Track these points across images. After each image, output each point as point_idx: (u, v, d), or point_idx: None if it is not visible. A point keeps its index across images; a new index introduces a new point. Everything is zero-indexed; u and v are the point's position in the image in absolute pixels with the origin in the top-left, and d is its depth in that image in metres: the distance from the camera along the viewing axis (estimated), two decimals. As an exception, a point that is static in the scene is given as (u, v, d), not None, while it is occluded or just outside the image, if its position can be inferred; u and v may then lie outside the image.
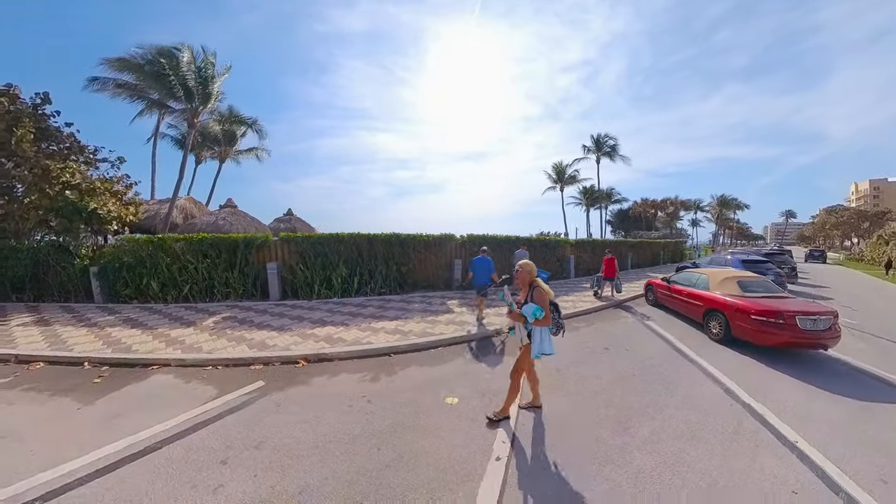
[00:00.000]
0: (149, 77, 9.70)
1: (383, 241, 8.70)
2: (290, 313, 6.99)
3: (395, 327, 6.16)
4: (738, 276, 6.58)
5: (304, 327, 6.09)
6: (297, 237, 8.14)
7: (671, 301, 7.65)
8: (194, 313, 7.06)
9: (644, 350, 5.44)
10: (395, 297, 8.57)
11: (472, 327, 6.27)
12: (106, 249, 8.27)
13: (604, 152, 25.41)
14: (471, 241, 10.07)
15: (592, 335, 6.26)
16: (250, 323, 6.32)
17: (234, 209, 12.00)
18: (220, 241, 7.91)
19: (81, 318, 6.86)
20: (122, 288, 8.08)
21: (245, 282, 8.03)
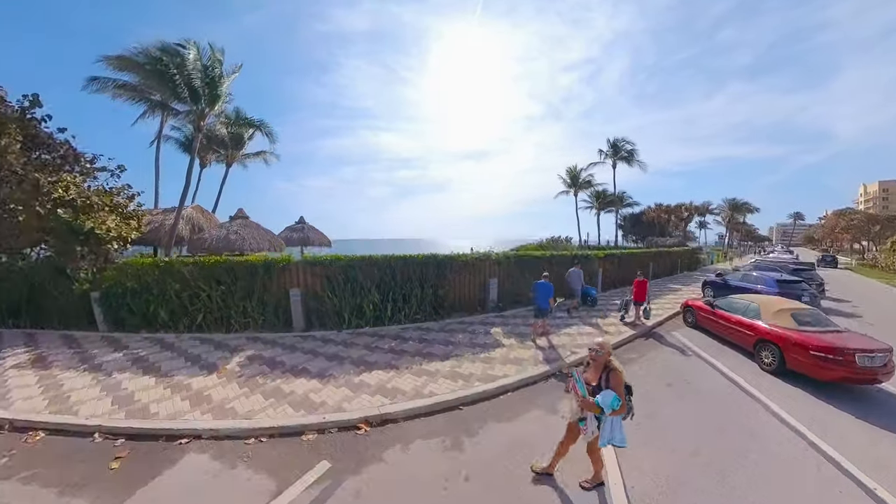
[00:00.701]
0: (151, 76, 8.62)
1: (419, 263, 7.93)
2: (324, 350, 6.23)
3: (450, 369, 5.50)
4: (791, 308, 6.45)
5: (347, 372, 5.35)
6: (325, 260, 7.27)
7: (715, 326, 7.62)
8: (212, 349, 6.25)
9: (705, 385, 5.46)
10: (432, 324, 7.84)
11: (530, 365, 5.78)
12: (107, 273, 7.33)
13: (620, 157, 24.86)
14: (506, 259, 9.44)
15: (648, 369, 6.09)
16: (282, 367, 5.53)
17: (246, 220, 11.01)
18: (235, 266, 7.02)
19: (85, 357, 6.01)
20: (127, 316, 7.20)
21: (265, 310, 7.20)
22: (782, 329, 5.96)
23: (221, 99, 9.83)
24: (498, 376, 5.26)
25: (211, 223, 12.51)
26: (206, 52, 9.46)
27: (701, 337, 7.87)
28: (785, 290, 9.70)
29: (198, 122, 9.69)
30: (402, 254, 7.91)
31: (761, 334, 6.21)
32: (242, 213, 11.35)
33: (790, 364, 5.62)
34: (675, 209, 32.28)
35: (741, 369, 5.99)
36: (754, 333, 6.37)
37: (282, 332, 7.21)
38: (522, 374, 5.38)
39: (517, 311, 9.22)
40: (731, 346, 7.08)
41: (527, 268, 9.74)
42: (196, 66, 8.99)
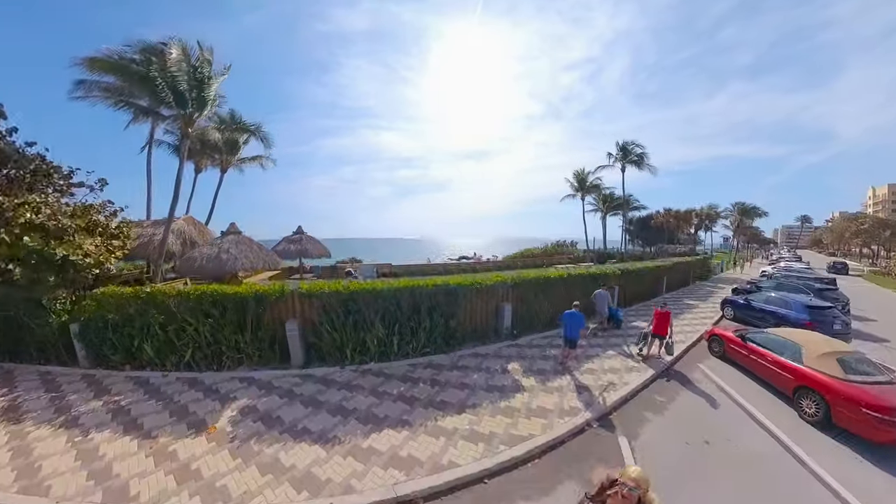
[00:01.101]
0: (133, 80, 7.67)
1: (429, 293, 7.24)
2: (326, 398, 5.62)
3: (469, 426, 4.93)
4: (837, 351, 5.83)
5: (353, 432, 4.77)
6: (323, 293, 6.53)
7: (746, 361, 7.06)
8: (201, 397, 5.65)
9: (747, 443, 4.93)
10: (443, 359, 7.21)
11: (555, 417, 5.24)
12: (86, 303, 6.67)
13: (630, 160, 23.89)
14: (522, 283, 8.75)
15: (679, 421, 5.44)
16: (279, 425, 4.93)
17: (238, 236, 10.22)
18: (223, 298, 6.35)
19: (61, 407, 5.39)
20: (109, 351, 6.58)
21: (260, 345, 6.58)
22: (828, 377, 5.38)
23: (210, 102, 8.87)
24: (523, 436, 4.75)
25: (203, 236, 11.73)
26: (193, 51, 8.47)
27: (730, 372, 7.28)
28: (817, 317, 9.04)
29: (185, 128, 8.77)
30: (410, 281, 7.20)
31: (803, 380, 5.66)
32: (235, 227, 10.54)
33: (837, 420, 5.09)
34: (685, 214, 31.35)
35: (781, 419, 5.51)
36: (794, 378, 5.82)
37: (279, 368, 6.61)
38: (549, 432, 4.87)
39: (532, 338, 8.64)
40: (762, 381, 6.61)
41: (542, 291, 9.13)
42: (181, 67, 8.02)
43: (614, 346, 8.43)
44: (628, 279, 12.20)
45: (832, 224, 63.10)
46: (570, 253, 32.89)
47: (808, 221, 73.75)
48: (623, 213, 30.00)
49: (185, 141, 8.93)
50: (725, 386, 6.63)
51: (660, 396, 6.21)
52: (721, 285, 19.56)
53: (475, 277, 8.03)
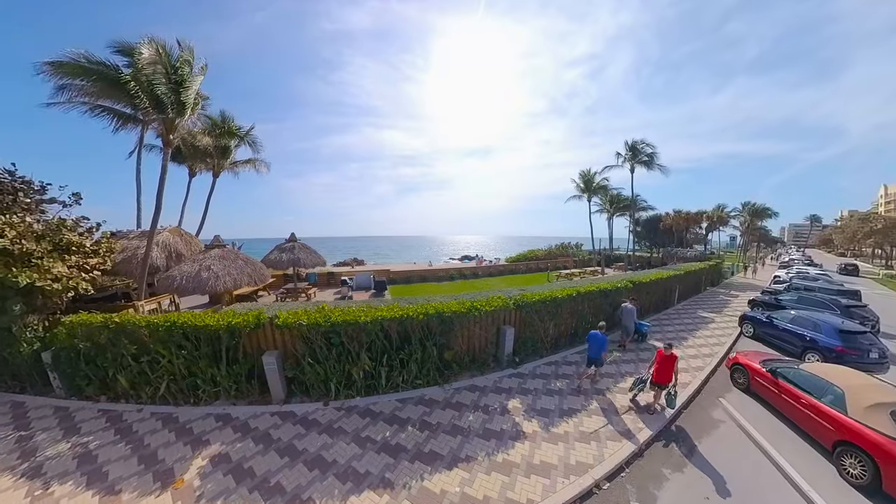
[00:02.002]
0: (104, 83, 7.05)
1: (420, 323, 6.62)
2: (304, 445, 5.14)
3: (460, 489, 4.35)
4: (891, 402, 4.87)
5: (329, 493, 4.27)
6: (301, 325, 5.93)
7: (777, 400, 6.26)
8: (174, 437, 5.27)
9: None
10: (436, 392, 6.62)
11: (559, 475, 4.58)
12: (57, 331, 6.30)
13: (639, 160, 22.42)
14: (525, 304, 7.94)
15: (696, 484, 4.57)
16: (250, 479, 4.47)
17: (223, 249, 9.67)
18: (194, 330, 5.88)
19: (27, 450, 5.04)
20: (82, 382, 6.24)
21: (237, 379, 6.12)
22: (880, 435, 4.53)
23: (190, 105, 8.22)
24: (520, 503, 4.14)
25: (192, 247, 11.27)
26: (174, 50, 7.76)
27: (757, 410, 6.39)
28: (850, 343, 8.06)
29: (166, 134, 8.19)
30: (399, 309, 6.52)
31: (847, 434, 4.84)
32: (219, 240, 10.00)
33: (889, 487, 4.34)
34: (695, 216, 29.86)
35: (819, 480, 4.69)
36: (835, 430, 5.01)
37: (258, 403, 6.14)
38: (551, 497, 4.24)
39: (536, 365, 7.91)
40: (797, 427, 5.80)
41: (547, 312, 8.35)
42: (156, 68, 7.35)
43: (629, 372, 7.64)
44: (640, 291, 11.20)
45: (843, 224, 59.72)
46: (575, 255, 31.76)
47: (818, 221, 70.97)
48: (630, 214, 28.58)
49: (167, 148, 8.36)
50: (752, 430, 5.83)
51: (664, 468, 4.96)
52: (734, 293, 18.54)
53: (473, 301, 7.23)
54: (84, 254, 7.14)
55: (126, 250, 9.72)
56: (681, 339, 10.06)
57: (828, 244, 72.73)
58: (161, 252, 10.12)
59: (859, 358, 7.79)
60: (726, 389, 7.27)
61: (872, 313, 11.51)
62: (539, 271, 26.45)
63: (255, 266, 9.96)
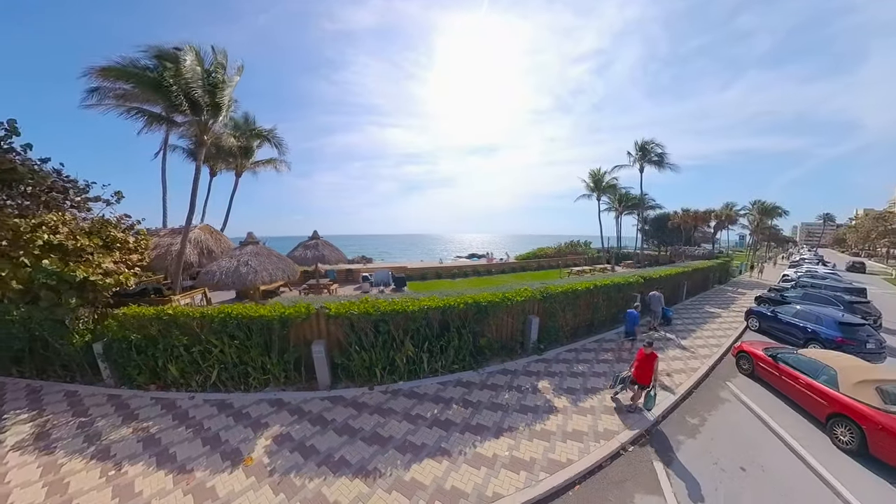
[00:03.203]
0: (147, 88, 7.34)
1: (460, 311, 6.99)
2: (359, 425, 5.45)
3: (509, 453, 4.84)
4: (876, 379, 5.53)
5: (393, 463, 4.62)
6: (353, 314, 6.29)
7: (777, 382, 6.89)
8: (232, 423, 5.49)
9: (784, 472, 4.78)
10: (472, 376, 7.03)
11: (591, 440, 5.20)
12: (108, 323, 6.51)
13: (649, 160, 22.94)
14: (550, 296, 8.51)
15: (710, 447, 5.13)
16: (316, 455, 4.78)
17: (257, 246, 9.88)
18: (248, 321, 6.15)
19: (91, 435, 5.25)
20: (133, 371, 6.46)
21: (286, 367, 6.40)
22: (866, 406, 5.18)
23: (226, 107, 8.52)
24: (562, 462, 4.70)
25: (221, 245, 11.47)
26: (207, 55, 8.07)
27: (760, 392, 6.97)
28: (849, 335, 8.62)
29: (201, 135, 8.45)
30: (441, 299, 6.93)
31: (836, 406, 5.51)
32: (252, 237, 10.21)
33: (875, 451, 4.95)
34: (704, 215, 30.16)
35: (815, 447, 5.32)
36: (828, 404, 5.65)
37: (306, 390, 6.43)
38: (588, 456, 4.84)
39: (558, 352, 8.45)
40: (791, 402, 6.47)
41: (568, 302, 8.87)
42: (195, 72, 7.64)
43: None
44: (650, 286, 11.67)
45: (857, 222, 58.03)
46: (584, 253, 32.03)
47: (831, 220, 68.27)
48: (639, 212, 28.88)
49: (201, 149, 8.62)
50: (755, 407, 6.42)
51: (679, 435, 5.46)
52: (742, 290, 18.92)
53: (505, 293, 7.69)
54: (128, 250, 7.36)
55: (158, 247, 9.93)
56: (689, 331, 10.52)
57: (841, 244, 70.37)
58: (193, 248, 10.32)
59: (858, 348, 8.26)
60: (732, 375, 7.80)
61: (875, 309, 11.93)
62: (549, 268, 26.79)
63: (287, 262, 10.20)
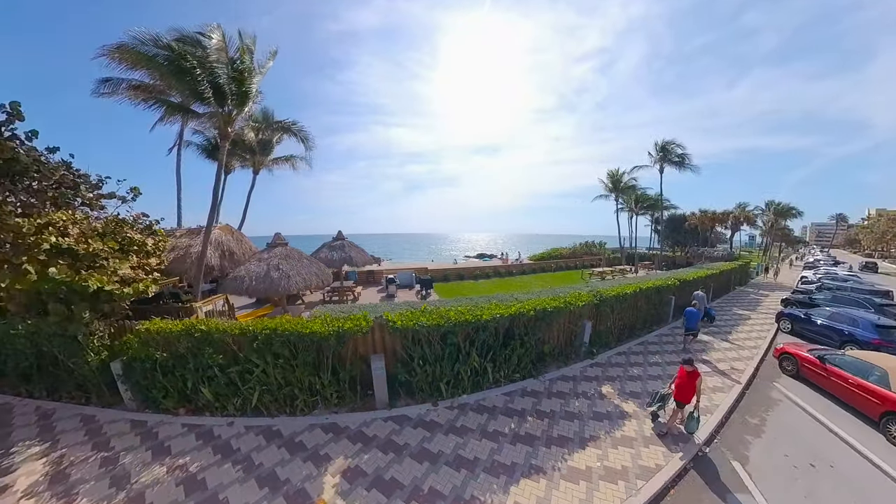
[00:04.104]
0: (168, 73, 6.41)
1: (527, 320, 6.48)
2: (436, 447, 4.85)
3: (600, 463, 4.64)
4: None
5: (489, 489, 4.16)
6: (421, 326, 5.61)
7: (825, 382, 7.02)
8: (286, 455, 4.71)
9: (847, 468, 4.86)
10: (535, 385, 6.58)
11: (671, 444, 5.07)
12: (128, 339, 5.63)
13: (670, 160, 22.54)
14: (604, 300, 8.28)
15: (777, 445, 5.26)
16: (399, 489, 4.13)
17: (286, 248, 9.00)
18: (296, 338, 5.35)
19: (118, 475, 4.37)
20: (159, 395, 5.59)
21: (339, 387, 5.68)
22: None
23: (252, 98, 7.66)
24: (651, 468, 4.59)
25: (242, 246, 10.47)
26: (233, 41, 7.18)
27: (808, 392, 6.98)
28: (886, 337, 8.66)
29: (224, 127, 7.55)
30: (509, 306, 6.41)
31: (892, 406, 5.61)
32: (281, 238, 9.32)
33: None
34: (721, 216, 30.00)
35: (872, 444, 5.34)
36: (882, 403, 5.77)
37: (361, 410, 5.73)
38: (672, 460, 4.75)
39: (609, 355, 8.21)
40: (841, 402, 6.56)
41: (618, 305, 8.70)
42: (221, 57, 6.77)
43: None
44: (683, 288, 11.69)
45: (871, 223, 56.17)
46: (599, 254, 31.65)
47: (844, 220, 67.00)
48: (659, 213, 28.46)
49: (225, 142, 7.72)
50: (807, 406, 6.48)
51: (746, 434, 5.55)
52: (763, 292, 18.60)
53: (566, 297, 7.29)
54: (146, 253, 6.48)
55: (176, 248, 8.92)
56: (724, 333, 10.51)
57: (853, 244, 67.83)
58: (214, 251, 9.35)
59: (894, 350, 8.31)
60: (777, 376, 7.82)
61: None
62: (567, 269, 26.45)
63: (319, 266, 9.33)
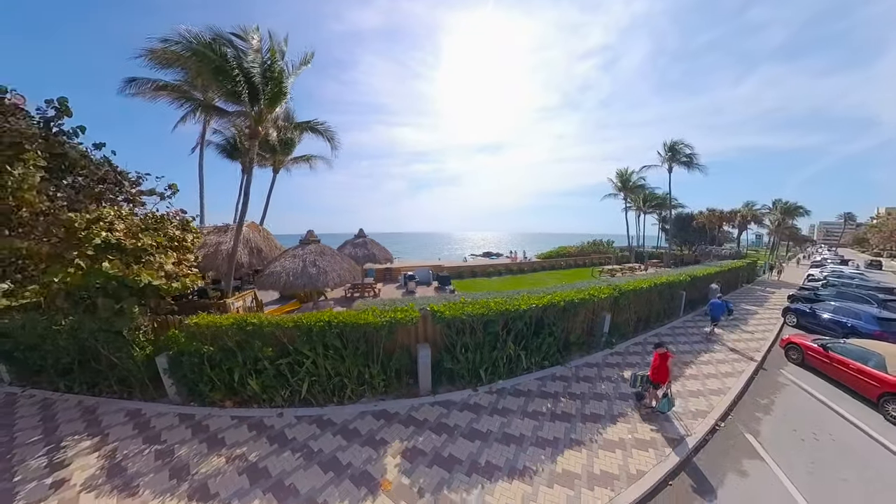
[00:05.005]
0: (205, 70, 6.49)
1: (557, 310, 6.87)
2: (486, 427, 5.21)
3: (630, 435, 5.11)
4: None
5: (538, 460, 4.58)
6: (467, 315, 5.95)
7: (828, 368, 7.49)
8: (342, 441, 4.89)
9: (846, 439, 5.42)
10: (562, 370, 7.02)
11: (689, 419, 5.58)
12: (173, 334, 5.72)
13: (678, 160, 22.93)
14: (623, 293, 8.76)
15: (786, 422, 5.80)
16: (458, 465, 4.43)
17: (319, 245, 8.95)
18: (350, 329, 5.57)
19: (176, 466, 4.45)
20: (206, 388, 5.68)
21: (387, 375, 5.92)
22: None
23: (285, 98, 7.82)
24: (676, 438, 5.10)
25: (269, 243, 10.56)
26: (264, 41, 7.32)
27: (812, 378, 7.48)
28: (886, 328, 9.04)
29: (255, 126, 7.66)
30: (541, 297, 6.80)
31: (889, 387, 6.07)
32: (313, 235, 9.37)
33: None
34: (728, 215, 30.22)
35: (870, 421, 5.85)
36: (880, 385, 6.21)
37: (406, 397, 5.98)
38: (692, 436, 5.19)
39: (626, 345, 8.72)
40: (842, 386, 7.04)
41: (633, 300, 9.20)
42: (257, 58, 6.89)
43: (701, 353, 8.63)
44: (695, 284, 12.26)
45: (880, 222, 54.25)
46: (607, 252, 31.92)
47: (852, 219, 65.15)
48: (668, 212, 28.55)
49: (254, 141, 7.83)
50: (811, 389, 6.99)
51: (756, 412, 6.10)
52: (770, 290, 18.96)
53: (589, 290, 7.74)
54: (185, 249, 6.60)
55: (206, 245, 8.96)
56: (734, 326, 10.95)
57: (862, 243, 65.22)
58: (243, 247, 9.42)
59: (894, 340, 8.70)
60: (783, 364, 8.35)
61: None
62: (576, 267, 26.90)
63: (350, 263, 9.44)
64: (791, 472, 4.53)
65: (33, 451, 4.75)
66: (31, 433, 5.15)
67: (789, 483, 4.34)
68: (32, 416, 5.59)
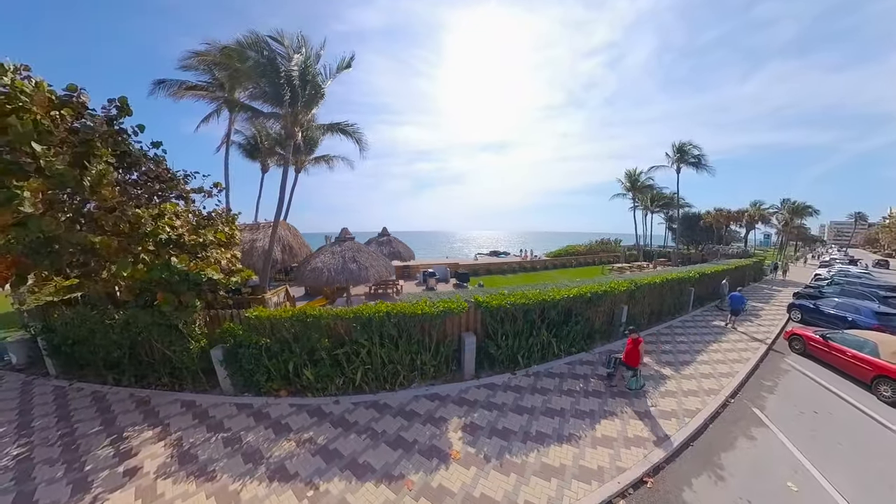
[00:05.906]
0: (254, 69, 6.73)
1: (584, 301, 7.54)
2: (531, 404, 5.84)
3: (655, 407, 5.88)
4: None
5: (579, 427, 5.30)
6: (510, 304, 6.53)
7: (827, 356, 8.11)
8: (404, 420, 5.31)
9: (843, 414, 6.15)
10: (587, 357, 7.66)
11: (705, 395, 6.37)
12: (230, 326, 5.94)
13: (686, 161, 23.41)
14: (639, 287, 9.48)
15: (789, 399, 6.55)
16: (514, 435, 5.06)
17: (353, 243, 9.26)
18: (407, 318, 5.97)
19: (247, 452, 4.62)
20: (262, 378, 5.95)
21: (437, 362, 6.37)
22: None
23: (322, 100, 8.13)
24: (692, 410, 5.85)
25: (298, 241, 10.85)
26: (303, 46, 7.60)
27: (813, 365, 8.18)
28: (884, 322, 9.67)
29: (292, 127, 7.94)
30: (571, 290, 7.44)
31: (879, 369, 6.72)
32: (348, 233, 9.64)
33: None
34: (736, 214, 30.17)
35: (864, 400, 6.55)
36: (872, 369, 6.86)
37: (452, 381, 6.47)
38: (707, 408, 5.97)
39: (643, 335, 9.23)
40: (839, 372, 7.74)
41: (647, 294, 9.93)
42: (297, 61, 7.22)
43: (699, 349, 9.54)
44: (703, 281, 12.94)
45: (891, 222, 53.32)
46: (615, 250, 32.37)
47: (864, 219, 64.03)
48: (675, 212, 28.72)
49: (290, 141, 8.10)
50: (811, 374, 7.75)
51: (762, 392, 7.37)
52: (776, 288, 19.46)
53: (610, 284, 8.39)
54: (235, 245, 6.90)
55: (241, 243, 9.26)
56: (742, 320, 11.52)
57: (873, 243, 64.77)
58: (277, 244, 9.70)
59: (891, 332, 8.89)
60: (787, 353, 9.09)
61: None
62: (585, 265, 27.67)
63: (385, 260, 9.84)
64: (793, 437, 5.26)
65: (97, 441, 4.87)
66: (90, 424, 5.28)
67: (791, 445, 5.08)
68: (87, 408, 5.71)
